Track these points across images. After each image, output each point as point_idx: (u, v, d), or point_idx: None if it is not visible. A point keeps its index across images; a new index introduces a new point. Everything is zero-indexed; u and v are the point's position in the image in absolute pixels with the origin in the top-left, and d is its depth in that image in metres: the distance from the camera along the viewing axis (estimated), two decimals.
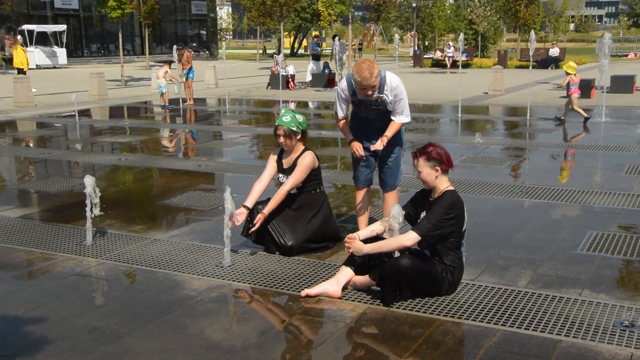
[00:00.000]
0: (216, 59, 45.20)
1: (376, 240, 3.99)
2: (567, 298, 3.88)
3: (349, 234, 4.02)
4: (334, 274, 4.13)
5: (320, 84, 20.71)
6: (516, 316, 3.64)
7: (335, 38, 18.15)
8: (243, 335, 3.47)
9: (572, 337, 3.39)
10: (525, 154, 8.99)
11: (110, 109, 15.99)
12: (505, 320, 3.60)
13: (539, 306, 3.77)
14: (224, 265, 4.48)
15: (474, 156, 8.64)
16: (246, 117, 14.27)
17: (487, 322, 3.57)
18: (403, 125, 4.74)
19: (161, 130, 12.18)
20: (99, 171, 8.23)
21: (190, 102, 16.12)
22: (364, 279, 4.03)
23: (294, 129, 4.70)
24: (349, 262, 4.03)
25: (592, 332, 3.44)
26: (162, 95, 15.42)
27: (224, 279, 4.29)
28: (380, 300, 3.85)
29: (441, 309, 3.75)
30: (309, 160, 4.73)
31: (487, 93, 17.66)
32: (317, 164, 4.81)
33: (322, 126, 11.88)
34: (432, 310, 3.73)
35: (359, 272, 4.02)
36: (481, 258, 4.59)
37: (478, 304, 3.82)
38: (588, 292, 3.97)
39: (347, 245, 3.95)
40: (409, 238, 3.79)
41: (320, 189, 4.89)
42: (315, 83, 20.98)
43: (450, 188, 3.94)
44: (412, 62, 34.84)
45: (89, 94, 17.93)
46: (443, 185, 3.93)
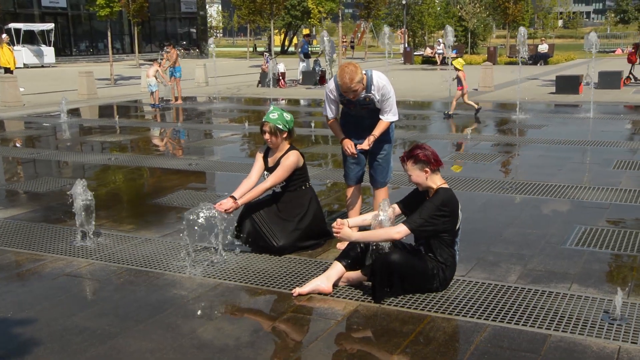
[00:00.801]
0: (206, 57, 45.06)
1: (366, 230, 4.00)
2: (556, 293, 3.91)
3: (338, 219, 4.02)
4: (325, 270, 4.13)
5: (311, 82, 20.71)
6: (506, 311, 3.67)
7: (324, 36, 18.04)
8: (234, 334, 3.47)
9: (561, 331, 3.42)
10: (514, 150, 9.04)
11: (99, 108, 15.90)
12: (495, 315, 3.62)
13: (528, 301, 3.80)
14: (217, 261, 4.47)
15: (464, 152, 8.68)
16: (237, 115, 14.24)
17: (477, 318, 3.60)
18: (391, 123, 4.76)
19: (151, 129, 12.13)
20: (89, 171, 8.19)
21: (179, 101, 16.05)
22: (355, 274, 4.04)
23: (280, 126, 4.69)
24: (341, 258, 4.03)
25: (580, 326, 3.47)
26: (152, 94, 15.35)
27: (215, 278, 4.28)
28: (371, 298, 3.86)
29: (432, 305, 3.77)
30: (292, 160, 4.71)
31: (477, 89, 17.72)
32: (301, 163, 4.78)
33: (312, 124, 11.87)
34: (423, 307, 3.75)
35: (352, 267, 4.02)
36: (471, 254, 4.61)
37: (468, 299, 3.84)
38: (577, 287, 4.01)
39: (336, 231, 3.94)
40: (398, 231, 3.80)
41: (307, 186, 4.88)
42: (306, 81, 20.97)
43: (445, 185, 3.96)
44: (403, 59, 34.90)
45: (78, 93, 17.82)
46: (436, 183, 3.94)
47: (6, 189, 7.23)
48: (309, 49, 22.99)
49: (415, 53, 35.26)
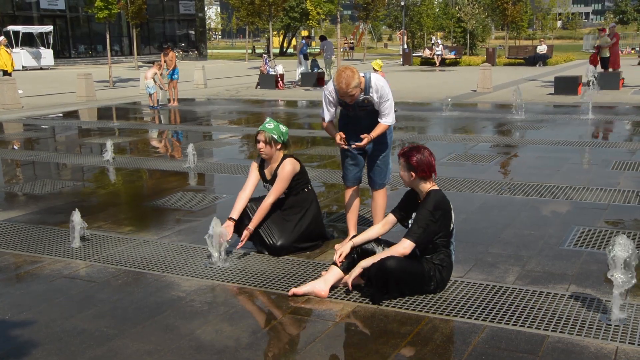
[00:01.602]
0: (205, 59, 45.07)
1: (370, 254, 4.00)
2: (554, 293, 3.91)
3: (341, 251, 4.02)
4: (323, 273, 4.14)
5: (310, 83, 20.71)
6: (504, 312, 3.67)
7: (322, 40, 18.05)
8: (233, 336, 3.47)
9: (559, 332, 3.42)
10: (513, 151, 9.04)
11: (98, 110, 15.90)
12: (493, 316, 3.62)
13: (526, 302, 3.80)
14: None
15: (463, 153, 8.68)
16: (235, 117, 14.24)
17: (475, 319, 3.60)
18: (389, 126, 4.76)
19: (150, 131, 12.13)
20: (88, 173, 8.19)
21: (175, 103, 16.04)
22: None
23: (275, 137, 4.69)
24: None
25: (578, 326, 3.48)
26: (151, 96, 15.36)
27: (213, 279, 4.28)
28: (369, 299, 3.86)
29: (430, 306, 3.77)
30: (288, 169, 4.69)
31: (475, 90, 17.74)
32: (298, 169, 4.76)
33: (311, 125, 11.88)
34: (421, 308, 3.75)
35: (350, 270, 4.02)
36: (469, 255, 4.61)
37: (466, 300, 3.84)
38: (575, 287, 4.01)
39: (338, 261, 4.00)
40: (405, 247, 3.83)
41: (309, 188, 4.89)
42: (305, 82, 20.98)
43: (434, 188, 3.96)
44: (402, 60, 34.92)
45: (76, 96, 17.82)
46: (426, 186, 3.95)
47: (5, 191, 7.23)
48: (307, 51, 23.00)
49: (414, 54, 35.29)
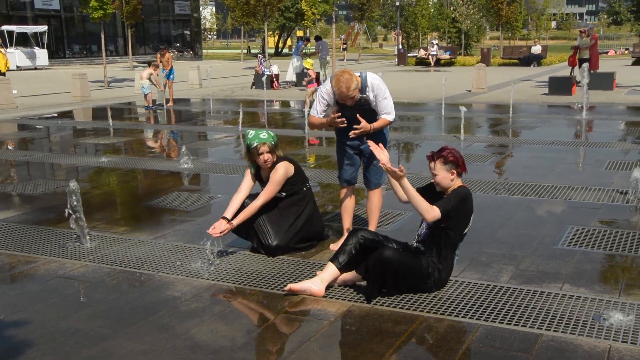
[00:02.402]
0: (200, 59, 45.00)
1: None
2: (548, 293, 3.94)
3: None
4: (318, 272, 4.14)
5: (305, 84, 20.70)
6: (498, 311, 3.69)
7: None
8: (228, 335, 3.47)
9: (553, 330, 3.44)
10: (508, 151, 9.08)
11: (93, 110, 15.86)
12: (487, 315, 3.64)
13: (520, 301, 3.82)
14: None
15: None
16: (230, 117, 14.23)
17: (469, 318, 3.61)
18: (390, 123, 4.78)
19: (145, 131, 12.12)
20: (83, 173, 8.17)
21: (170, 103, 16.02)
22: (351, 275, 4.05)
23: (274, 143, 4.70)
24: (334, 258, 4.03)
25: (572, 325, 3.50)
26: (146, 96, 15.33)
27: (208, 279, 4.29)
28: (364, 298, 3.87)
29: (424, 306, 3.78)
30: (281, 173, 4.68)
31: (470, 91, 17.78)
32: (291, 172, 4.75)
33: (306, 125, 11.86)
34: (416, 307, 3.77)
35: (346, 267, 4.02)
36: (464, 254, 4.62)
37: (461, 300, 3.86)
38: (568, 287, 4.03)
39: (399, 171, 3.75)
40: (434, 215, 3.77)
41: (307, 187, 4.89)
42: (300, 82, 20.97)
43: (463, 185, 3.99)
44: (397, 60, 34.96)
45: (71, 96, 17.77)
46: (457, 185, 3.97)
47: None
48: (303, 51, 23.00)
49: (409, 54, 35.34)
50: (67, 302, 3.98)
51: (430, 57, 32.08)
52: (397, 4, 42.28)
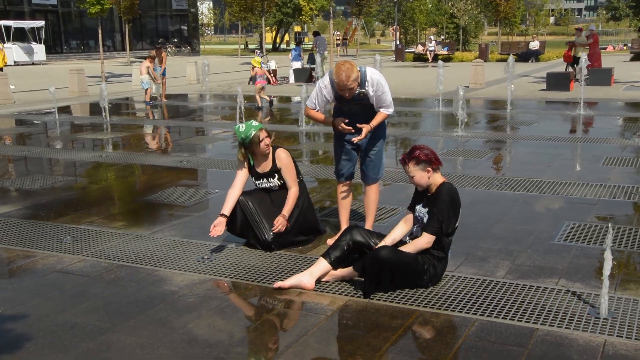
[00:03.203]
0: (198, 55, 44.90)
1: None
2: (543, 287, 3.96)
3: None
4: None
5: (303, 79, 20.68)
6: (494, 306, 3.71)
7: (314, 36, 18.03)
8: (225, 329, 3.49)
9: (548, 325, 3.47)
10: (505, 146, 9.10)
11: (90, 105, 15.83)
12: (483, 310, 3.66)
13: (516, 296, 3.84)
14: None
15: (455, 149, 8.72)
16: (228, 112, 14.22)
17: (465, 313, 3.63)
18: (387, 117, 4.78)
19: (143, 127, 12.11)
20: (80, 168, 8.17)
21: (163, 99, 16.00)
22: (346, 270, 4.07)
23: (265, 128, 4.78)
24: (326, 254, 4.06)
25: (567, 320, 3.52)
26: (146, 91, 15.30)
27: (205, 273, 4.30)
28: (361, 292, 3.89)
29: (421, 300, 3.80)
30: (285, 156, 4.80)
31: (468, 86, 17.78)
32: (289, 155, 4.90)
33: (304, 121, 11.85)
34: (412, 302, 3.79)
35: (338, 263, 4.05)
36: (460, 249, 4.65)
37: (457, 294, 3.88)
38: (564, 282, 4.05)
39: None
40: (427, 242, 3.90)
41: (300, 179, 4.92)
42: (298, 78, 20.95)
43: (445, 181, 4.00)
44: (394, 56, 34.94)
45: (68, 91, 17.73)
46: (437, 181, 3.98)
47: None
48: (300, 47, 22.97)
49: (406, 50, 35.30)
50: (65, 296, 3.99)
51: (428, 52, 32.07)
52: None
